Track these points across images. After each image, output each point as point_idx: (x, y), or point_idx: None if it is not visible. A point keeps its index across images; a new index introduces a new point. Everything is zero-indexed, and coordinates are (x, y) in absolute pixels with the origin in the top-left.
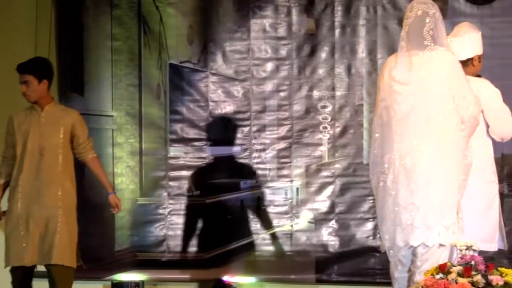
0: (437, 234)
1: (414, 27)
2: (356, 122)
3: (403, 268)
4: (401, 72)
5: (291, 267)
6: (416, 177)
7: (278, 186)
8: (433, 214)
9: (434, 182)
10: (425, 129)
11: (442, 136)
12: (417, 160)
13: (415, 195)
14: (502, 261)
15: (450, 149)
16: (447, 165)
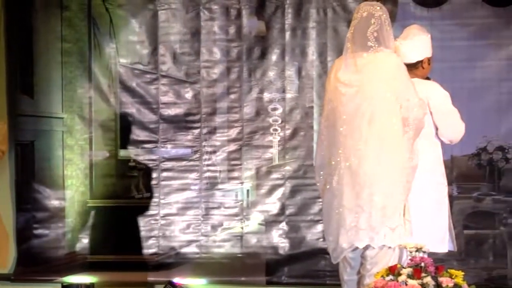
0: (382, 236)
1: (359, 29)
2: (306, 125)
3: (352, 271)
4: (346, 73)
5: (242, 269)
6: (361, 178)
7: (229, 188)
8: (377, 216)
9: (377, 184)
10: (369, 130)
11: (385, 138)
12: (361, 162)
13: (359, 197)
14: (452, 262)
15: (394, 151)
16: (391, 166)
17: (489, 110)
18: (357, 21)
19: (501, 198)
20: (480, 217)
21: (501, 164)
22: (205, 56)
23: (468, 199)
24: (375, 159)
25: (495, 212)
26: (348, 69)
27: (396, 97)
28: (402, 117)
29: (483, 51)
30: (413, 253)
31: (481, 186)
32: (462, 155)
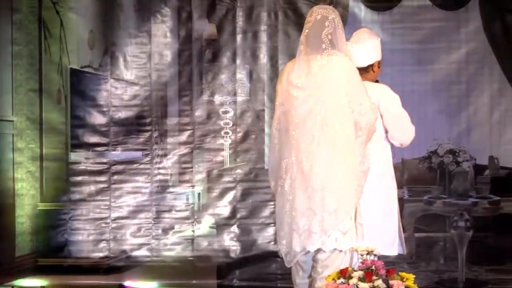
0: (334, 239)
1: (313, 31)
2: (258, 128)
3: (304, 274)
4: (299, 76)
5: (193, 272)
6: (313, 182)
7: (180, 192)
8: (329, 219)
9: (329, 187)
10: (321, 134)
11: (338, 141)
12: (314, 165)
13: (311, 200)
14: (403, 265)
15: (346, 154)
16: (343, 170)
17: (440, 113)
18: (311, 24)
19: (452, 201)
20: (431, 220)
21: (451, 167)
22: (156, 59)
23: (419, 202)
24: (328, 162)
25: (446, 215)
26: (301, 72)
27: (348, 101)
28: (355, 121)
29: (434, 55)
30: (364, 256)
31: (431, 189)
32: (412, 158)
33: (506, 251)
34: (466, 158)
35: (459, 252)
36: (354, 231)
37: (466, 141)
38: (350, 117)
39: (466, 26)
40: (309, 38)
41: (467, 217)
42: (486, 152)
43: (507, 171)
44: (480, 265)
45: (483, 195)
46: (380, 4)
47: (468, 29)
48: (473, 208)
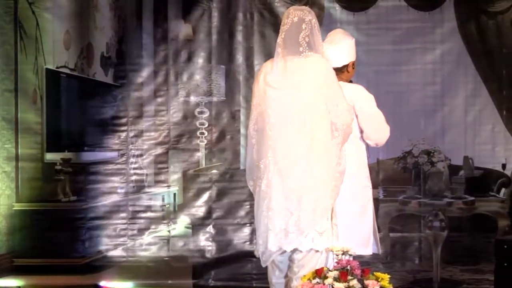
0: (310, 239)
1: (290, 34)
2: (233, 128)
3: (280, 274)
4: (276, 77)
5: (169, 272)
6: (290, 182)
7: (155, 192)
8: (306, 220)
9: (306, 188)
10: (298, 134)
11: (315, 142)
12: (291, 165)
13: (288, 200)
14: (378, 265)
15: (323, 155)
16: (320, 171)
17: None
18: (288, 26)
19: (427, 201)
20: (406, 220)
21: (426, 168)
22: (132, 59)
23: (394, 202)
24: (305, 163)
25: (421, 215)
26: (279, 73)
27: (325, 102)
28: (331, 122)
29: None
30: (339, 256)
31: (406, 189)
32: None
33: (481, 251)
34: (441, 159)
35: (434, 252)
36: (330, 231)
37: (441, 142)
38: (326, 118)
39: (441, 27)
40: (286, 41)
41: (442, 217)
42: (460, 152)
43: (482, 171)
44: (455, 265)
45: (458, 195)
46: (356, 5)
47: (443, 29)
48: (448, 208)
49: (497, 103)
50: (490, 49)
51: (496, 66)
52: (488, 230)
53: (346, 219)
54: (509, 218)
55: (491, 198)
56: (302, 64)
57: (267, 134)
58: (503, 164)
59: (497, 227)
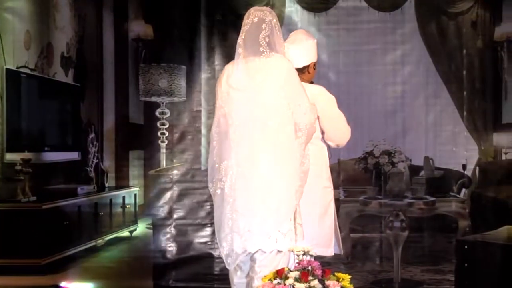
0: (274, 240)
1: (250, 34)
2: (194, 128)
3: (242, 274)
4: (238, 79)
5: (129, 273)
6: (254, 183)
7: (116, 192)
8: (270, 221)
9: (271, 189)
10: (262, 135)
11: (278, 143)
12: (255, 167)
13: (252, 202)
14: (339, 266)
15: (287, 155)
16: (284, 171)
17: (376, 114)
18: (248, 26)
19: (387, 202)
20: (367, 221)
21: (387, 168)
22: (92, 60)
23: (355, 203)
24: (268, 164)
25: (381, 215)
26: (240, 74)
27: (288, 102)
28: (294, 122)
29: (369, 56)
30: (300, 257)
31: (367, 190)
32: (348, 158)
33: (441, 251)
34: (401, 159)
35: (394, 252)
36: (293, 232)
37: (401, 142)
38: (290, 118)
39: (401, 28)
40: (246, 41)
41: (402, 217)
42: (421, 153)
43: (442, 171)
44: (416, 265)
45: (419, 195)
46: (316, 6)
47: (404, 30)
48: (408, 209)
49: (458, 104)
50: (451, 50)
51: (456, 67)
52: (448, 231)
53: (307, 220)
54: (470, 218)
55: (451, 198)
56: (263, 64)
57: (230, 136)
58: (464, 165)
59: (458, 228)
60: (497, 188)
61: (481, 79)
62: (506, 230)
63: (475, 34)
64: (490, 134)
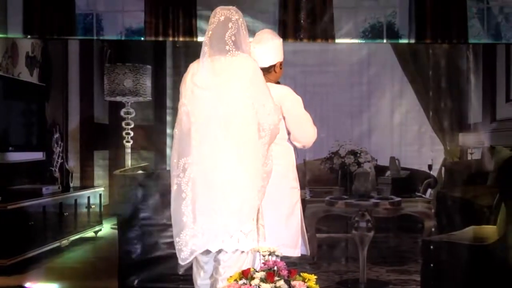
0: (236, 240)
1: (216, 33)
2: (159, 129)
3: (205, 275)
4: (203, 77)
5: (94, 274)
6: (216, 183)
7: (81, 193)
8: (232, 220)
9: (233, 188)
10: (225, 134)
11: (242, 142)
12: (217, 166)
13: (214, 201)
14: (305, 266)
15: (250, 155)
16: (246, 171)
17: (341, 115)
18: (215, 25)
19: (353, 202)
20: (333, 221)
21: (353, 168)
22: (57, 59)
23: (321, 203)
24: (231, 163)
25: (347, 215)
26: (205, 73)
27: (252, 102)
28: (258, 122)
29: (335, 55)
30: (266, 257)
31: (333, 190)
32: (314, 159)
33: (407, 251)
34: (367, 159)
35: (360, 252)
36: (256, 232)
37: (367, 142)
38: (254, 118)
39: None
40: (212, 39)
41: (368, 217)
42: (387, 153)
43: (408, 172)
44: (381, 266)
45: (384, 196)
46: None
47: None
48: (374, 209)
49: (424, 104)
50: (417, 50)
51: (422, 67)
52: (414, 231)
53: (274, 220)
54: (435, 218)
55: (417, 198)
56: (229, 63)
57: (192, 134)
58: (429, 165)
59: (424, 228)
60: (463, 188)
61: (447, 79)
62: (471, 231)
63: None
64: (456, 134)
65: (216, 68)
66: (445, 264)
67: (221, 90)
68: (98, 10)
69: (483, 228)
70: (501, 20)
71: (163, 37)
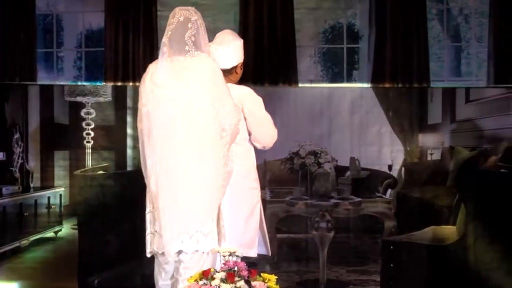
0: (195, 240)
1: (176, 33)
2: (120, 129)
3: (166, 276)
4: (163, 77)
5: (54, 273)
6: (177, 183)
7: (42, 193)
8: (191, 221)
9: (193, 188)
10: (185, 134)
11: (202, 143)
12: (178, 166)
13: (174, 201)
14: (265, 266)
15: (210, 155)
16: (206, 171)
17: (302, 115)
18: (174, 25)
19: (313, 202)
20: (293, 221)
21: (313, 168)
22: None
23: (281, 203)
24: (192, 163)
25: (308, 216)
26: (165, 73)
27: (212, 102)
28: (219, 122)
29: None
30: (226, 258)
31: (293, 190)
32: (275, 159)
33: (367, 252)
34: (327, 159)
35: (320, 253)
36: (215, 232)
37: (327, 143)
38: (214, 118)
39: None
40: (172, 39)
41: (328, 218)
42: (347, 154)
43: (368, 172)
44: (342, 266)
45: (344, 196)
46: None
47: None
48: (334, 209)
49: (384, 105)
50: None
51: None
52: (374, 231)
53: (233, 220)
54: (395, 219)
55: (377, 199)
56: (189, 63)
57: (154, 134)
58: (389, 165)
59: (384, 228)
60: (423, 189)
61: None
62: (431, 231)
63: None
64: (415, 135)
65: (176, 68)
66: (405, 264)
67: (181, 90)
68: (58, 10)
69: (443, 229)
70: (460, 21)
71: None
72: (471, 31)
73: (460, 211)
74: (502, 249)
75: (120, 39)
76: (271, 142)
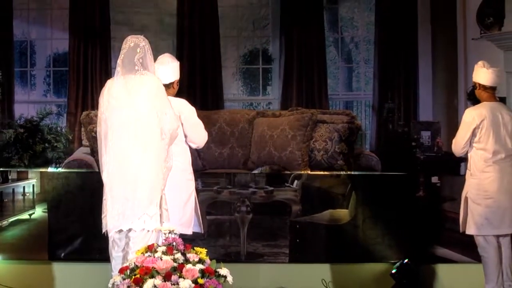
0: (143, 221)
1: (127, 56)
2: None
3: (118, 249)
4: (117, 91)
5: (29, 248)
6: (127, 175)
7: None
8: (139, 205)
9: (141, 179)
10: (134, 137)
11: (147, 144)
12: (128, 161)
13: (126, 189)
14: (197, 242)
15: (154, 154)
16: (151, 167)
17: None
18: (126, 50)
19: (236, 191)
20: (219, 206)
21: None
22: None
23: (210, 191)
24: (140, 160)
25: (231, 201)
26: (119, 88)
27: (156, 111)
28: (161, 127)
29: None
30: (167, 235)
31: (220, 181)
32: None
33: (278, 230)
34: None
35: (241, 231)
36: (159, 215)
37: None
38: (158, 124)
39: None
40: (124, 61)
41: (247, 203)
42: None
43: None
44: (258, 241)
45: (260, 186)
46: None
47: None
48: (252, 196)
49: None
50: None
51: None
52: (284, 214)
53: (174, 205)
54: (300, 204)
55: (286, 188)
56: (138, 80)
57: (110, 137)
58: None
59: (291, 211)
60: (322, 180)
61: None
62: (328, 213)
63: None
64: None
65: (128, 84)
66: (308, 240)
67: (131, 101)
68: (31, 37)
69: (338, 212)
70: (352, 47)
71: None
72: (360, 55)
73: (352, 197)
74: (384, 227)
75: (81, 60)
76: (203, 142)
